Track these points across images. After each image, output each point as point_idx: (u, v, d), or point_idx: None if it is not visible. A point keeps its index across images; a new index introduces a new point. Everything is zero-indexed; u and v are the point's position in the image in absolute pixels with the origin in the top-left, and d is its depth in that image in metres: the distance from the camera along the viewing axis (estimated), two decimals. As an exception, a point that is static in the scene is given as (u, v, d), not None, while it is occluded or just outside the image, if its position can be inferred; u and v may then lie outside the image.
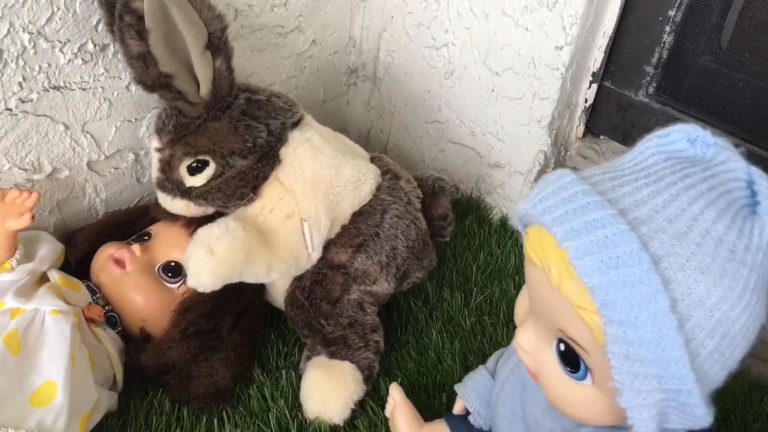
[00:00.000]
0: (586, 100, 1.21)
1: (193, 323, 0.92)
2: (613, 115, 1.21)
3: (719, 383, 0.52)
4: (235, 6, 1.09)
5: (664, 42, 1.11)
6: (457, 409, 0.85)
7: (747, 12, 1.06)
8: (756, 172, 0.50)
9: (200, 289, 0.87)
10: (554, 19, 1.08)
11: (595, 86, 1.19)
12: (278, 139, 0.95)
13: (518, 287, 1.16)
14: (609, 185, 0.51)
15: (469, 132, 1.31)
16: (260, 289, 1.03)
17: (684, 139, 0.53)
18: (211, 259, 0.87)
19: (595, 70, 1.17)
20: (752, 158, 1.13)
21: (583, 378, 0.54)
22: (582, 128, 1.26)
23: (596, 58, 1.16)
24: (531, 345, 0.58)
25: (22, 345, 0.81)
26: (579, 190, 0.51)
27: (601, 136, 1.27)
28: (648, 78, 1.16)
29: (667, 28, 1.10)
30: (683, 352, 0.47)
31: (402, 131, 1.42)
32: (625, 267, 0.47)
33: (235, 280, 0.89)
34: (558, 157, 1.26)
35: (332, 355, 0.96)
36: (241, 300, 0.98)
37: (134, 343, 0.94)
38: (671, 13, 1.08)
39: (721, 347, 0.49)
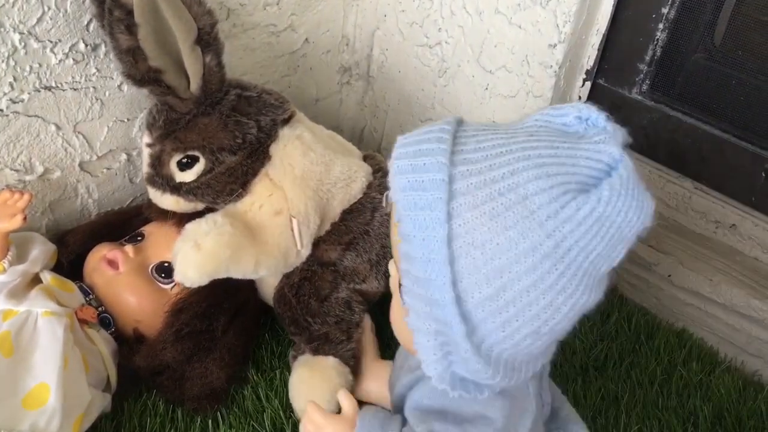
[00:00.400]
0: (579, 98, 1.20)
1: (187, 324, 0.92)
2: (607, 113, 1.21)
3: (509, 351, 0.54)
4: (228, 5, 1.08)
5: (658, 39, 1.11)
6: None
7: (740, 9, 1.07)
8: (627, 164, 0.51)
9: (187, 284, 0.87)
10: (547, 17, 1.08)
11: (588, 84, 1.19)
12: (268, 136, 0.95)
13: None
14: (472, 132, 0.55)
15: (463, 130, 1.30)
16: (255, 289, 1.03)
17: (574, 115, 0.55)
18: (197, 254, 0.86)
19: (589, 68, 1.16)
20: (746, 156, 1.13)
21: (404, 302, 0.59)
22: (576, 126, 1.25)
23: (590, 56, 1.15)
24: (393, 272, 0.64)
25: (14, 347, 0.80)
26: (438, 128, 0.55)
27: (595, 134, 1.27)
28: (641, 75, 1.15)
29: (661, 26, 1.10)
30: (447, 282, 0.51)
31: (396, 130, 1.41)
32: (423, 191, 0.51)
33: (222, 275, 0.89)
34: (552, 155, 1.26)
35: (315, 352, 0.96)
36: (235, 300, 0.97)
37: (128, 344, 0.94)
38: (665, 10, 1.08)
39: (498, 299, 0.51)
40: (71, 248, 0.98)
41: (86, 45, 0.93)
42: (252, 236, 0.92)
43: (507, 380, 0.57)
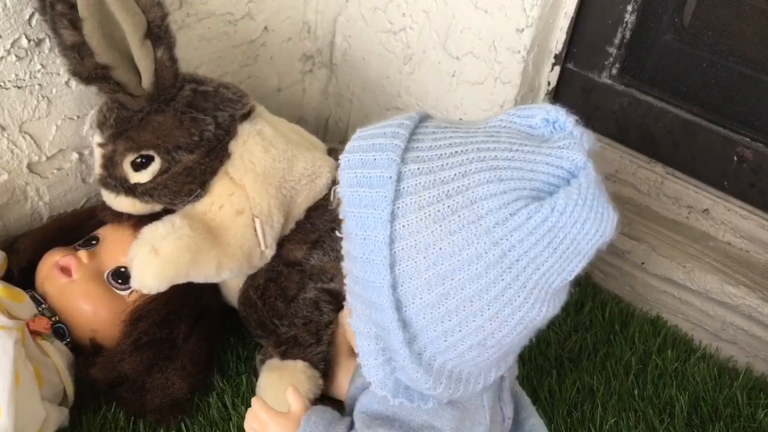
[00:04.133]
0: (549, 83, 1.18)
1: (146, 333, 0.88)
2: (577, 98, 1.18)
3: (453, 362, 0.52)
4: (181, -7, 1.04)
5: (627, 22, 1.09)
6: None
7: (709, -11, 1.04)
8: (589, 172, 0.47)
9: (145, 291, 0.84)
10: (514, 1, 1.05)
11: (557, 69, 1.16)
12: (227, 132, 0.91)
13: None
14: (432, 129, 0.52)
15: (431, 118, 1.27)
16: (218, 292, 0.99)
17: (542, 116, 0.52)
18: (155, 260, 0.83)
19: (558, 53, 1.14)
20: (717, 139, 1.11)
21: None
22: (545, 112, 1.23)
23: (558, 40, 1.13)
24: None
25: (-40, 366, 0.76)
26: (397, 123, 0.52)
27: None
28: (611, 59, 1.13)
29: (630, 8, 1.07)
30: (386, 286, 0.49)
31: (361, 119, 1.38)
32: (369, 188, 0.49)
33: (182, 280, 0.85)
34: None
35: (283, 356, 0.92)
36: (196, 305, 0.93)
37: (84, 355, 0.89)
38: (633, -8, 1.06)
39: (439, 307, 0.49)
40: (22, 255, 0.94)
41: (29, 40, 0.88)
42: (213, 238, 0.88)
43: (450, 392, 0.54)
